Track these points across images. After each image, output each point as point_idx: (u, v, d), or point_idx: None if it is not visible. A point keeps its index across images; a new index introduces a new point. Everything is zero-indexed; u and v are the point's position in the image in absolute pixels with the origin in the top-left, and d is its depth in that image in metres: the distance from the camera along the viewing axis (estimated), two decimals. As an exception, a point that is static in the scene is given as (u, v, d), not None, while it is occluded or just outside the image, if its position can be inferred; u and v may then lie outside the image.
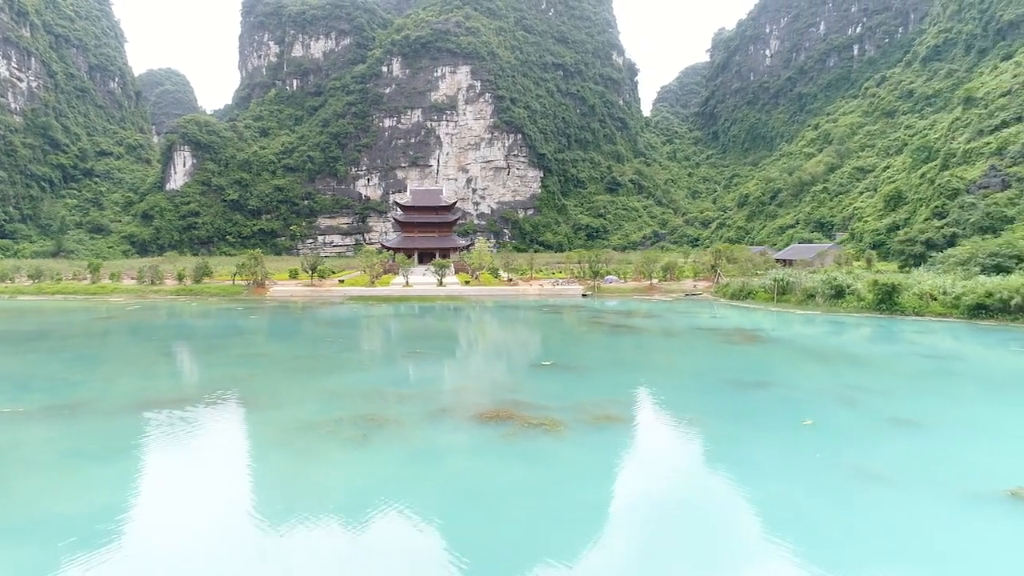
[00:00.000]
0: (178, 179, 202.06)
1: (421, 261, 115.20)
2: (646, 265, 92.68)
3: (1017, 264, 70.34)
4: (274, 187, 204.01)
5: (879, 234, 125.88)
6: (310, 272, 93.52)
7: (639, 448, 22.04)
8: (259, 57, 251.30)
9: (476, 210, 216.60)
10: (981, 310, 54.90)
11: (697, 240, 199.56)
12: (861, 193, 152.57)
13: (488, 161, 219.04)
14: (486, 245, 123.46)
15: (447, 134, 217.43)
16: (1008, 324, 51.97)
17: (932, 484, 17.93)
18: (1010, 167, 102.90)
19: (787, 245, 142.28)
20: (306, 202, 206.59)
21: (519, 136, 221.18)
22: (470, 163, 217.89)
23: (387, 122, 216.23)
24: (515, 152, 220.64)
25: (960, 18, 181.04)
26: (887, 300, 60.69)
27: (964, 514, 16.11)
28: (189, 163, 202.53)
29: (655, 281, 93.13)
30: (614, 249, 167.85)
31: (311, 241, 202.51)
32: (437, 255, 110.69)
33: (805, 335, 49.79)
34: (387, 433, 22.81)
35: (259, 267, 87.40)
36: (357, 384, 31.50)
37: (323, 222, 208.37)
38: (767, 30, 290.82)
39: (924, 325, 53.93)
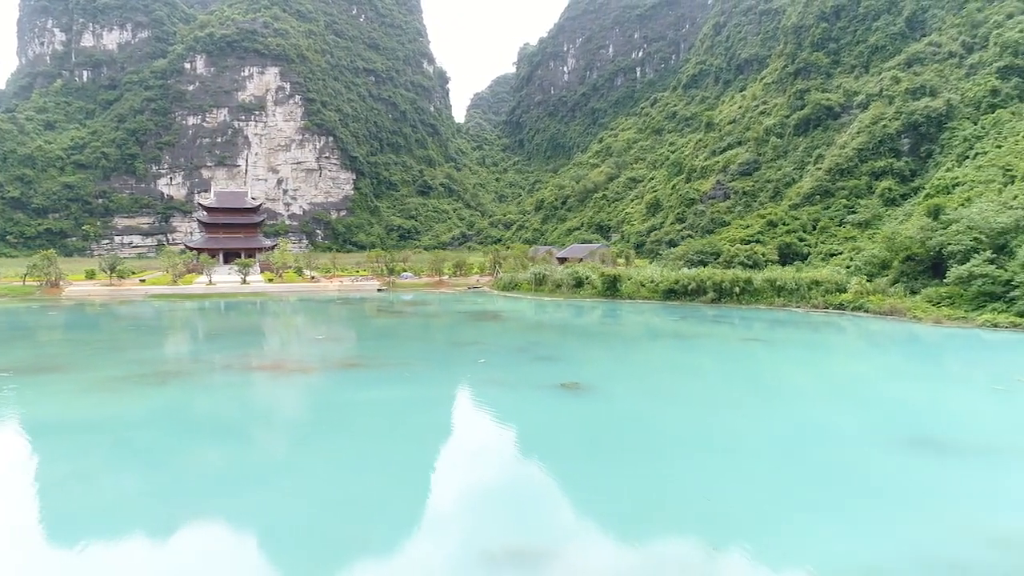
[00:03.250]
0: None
1: (226, 261, 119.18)
2: (437, 263, 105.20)
3: (715, 259, 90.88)
4: (63, 185, 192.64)
5: (642, 235, 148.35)
6: (109, 272, 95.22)
7: (365, 378, 33.51)
8: (42, 44, 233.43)
9: (288, 211, 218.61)
10: (671, 293, 72.89)
11: (500, 240, 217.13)
12: (632, 200, 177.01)
13: (299, 163, 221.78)
14: (288, 245, 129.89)
15: (256, 134, 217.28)
16: (686, 303, 70.07)
17: (537, 385, 31.17)
18: (731, 182, 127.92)
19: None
20: (100, 201, 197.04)
21: (331, 139, 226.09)
22: (281, 164, 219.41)
23: (191, 120, 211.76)
24: (327, 154, 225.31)
25: (712, 53, 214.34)
26: (612, 288, 77.60)
27: (542, 396, 29.30)
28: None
29: (446, 277, 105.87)
30: (425, 249, 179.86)
31: (107, 242, 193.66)
32: (243, 255, 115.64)
33: (533, 313, 64.39)
34: (181, 379, 32.36)
35: (53, 267, 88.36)
36: (159, 356, 40.13)
37: (121, 222, 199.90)
38: (565, 48, 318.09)
39: (632, 306, 70.82)
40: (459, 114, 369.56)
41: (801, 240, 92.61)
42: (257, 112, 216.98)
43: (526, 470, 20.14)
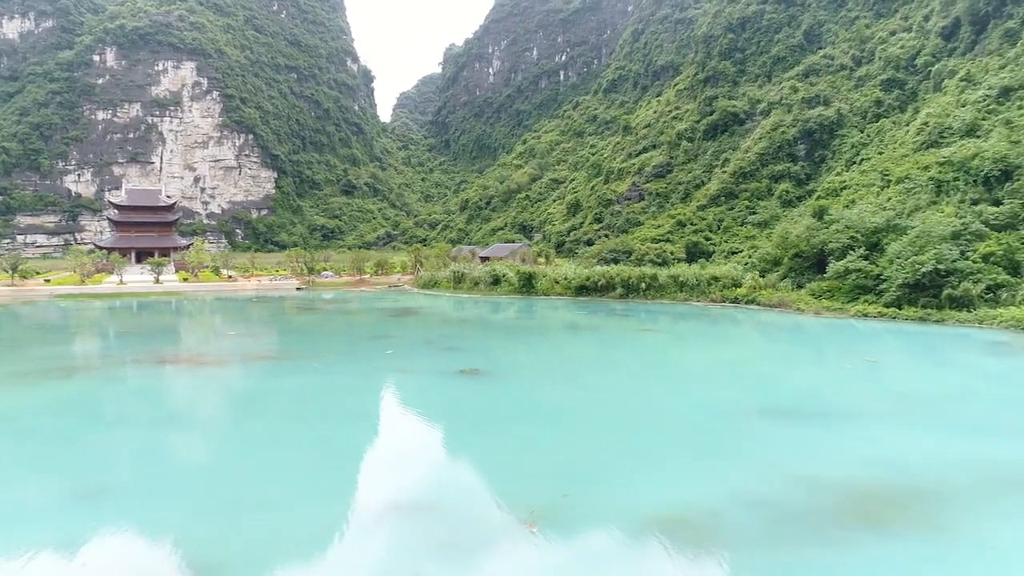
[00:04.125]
0: None
1: (139, 260, 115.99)
2: (358, 262, 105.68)
3: (627, 257, 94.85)
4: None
5: (562, 235, 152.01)
6: (10, 272, 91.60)
7: (274, 368, 34.71)
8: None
9: (206, 210, 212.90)
10: (583, 290, 76.10)
11: (425, 240, 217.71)
12: (554, 201, 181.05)
13: (218, 160, 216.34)
14: (206, 244, 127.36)
15: (171, 131, 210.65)
16: (596, 299, 73.35)
17: (438, 372, 33.12)
18: (645, 183, 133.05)
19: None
20: (1, 199, 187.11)
21: (251, 136, 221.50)
22: (198, 162, 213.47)
23: (101, 115, 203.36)
24: (247, 152, 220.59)
25: (631, 59, 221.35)
26: (527, 285, 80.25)
27: (441, 381, 31.28)
28: None
29: (367, 276, 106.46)
30: (349, 249, 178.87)
31: (8, 241, 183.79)
32: (156, 254, 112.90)
33: (449, 310, 66.34)
34: (87, 373, 32.80)
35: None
36: (65, 352, 40.05)
37: (23, 220, 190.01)
38: (490, 50, 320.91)
39: (546, 302, 73.59)
40: (385, 113, 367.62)
41: (707, 239, 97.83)
42: (172, 108, 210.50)
43: (416, 439, 22.14)
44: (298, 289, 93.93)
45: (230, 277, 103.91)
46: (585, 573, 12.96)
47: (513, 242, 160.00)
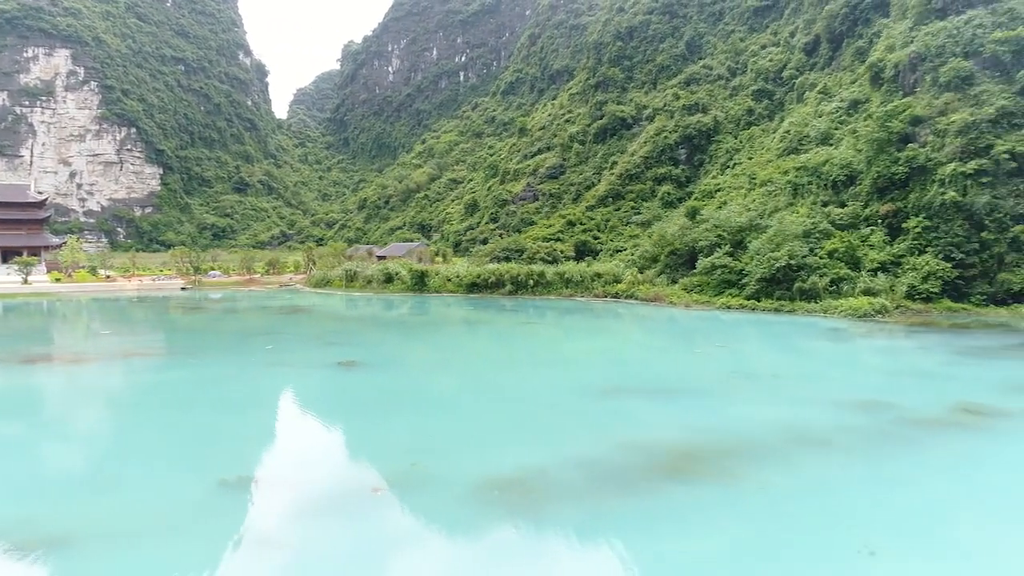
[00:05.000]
0: None
1: (5, 260, 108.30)
2: (248, 261, 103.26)
3: (519, 256, 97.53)
4: None
5: (460, 235, 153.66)
6: None
7: (145, 364, 34.39)
8: None
9: (83, 207, 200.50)
10: (474, 287, 77.99)
11: (322, 240, 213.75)
12: (452, 201, 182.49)
13: (96, 155, 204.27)
14: (82, 243, 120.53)
15: (43, 123, 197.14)
16: (487, 296, 75.37)
17: (317, 364, 33.82)
18: (539, 184, 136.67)
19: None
20: None
21: (133, 130, 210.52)
22: (74, 156, 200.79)
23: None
24: (129, 147, 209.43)
25: (528, 62, 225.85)
26: (420, 282, 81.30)
27: (317, 372, 32.02)
28: None
29: (257, 275, 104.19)
30: (242, 248, 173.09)
31: None
32: (25, 253, 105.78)
33: (339, 307, 66.61)
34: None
35: None
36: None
37: None
38: (390, 48, 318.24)
39: (438, 299, 74.98)
40: (281, 109, 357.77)
41: (595, 238, 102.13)
42: (44, 98, 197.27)
43: (280, 424, 23.08)
44: (183, 289, 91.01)
45: (108, 277, 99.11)
46: (417, 525, 14.55)
47: (411, 241, 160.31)
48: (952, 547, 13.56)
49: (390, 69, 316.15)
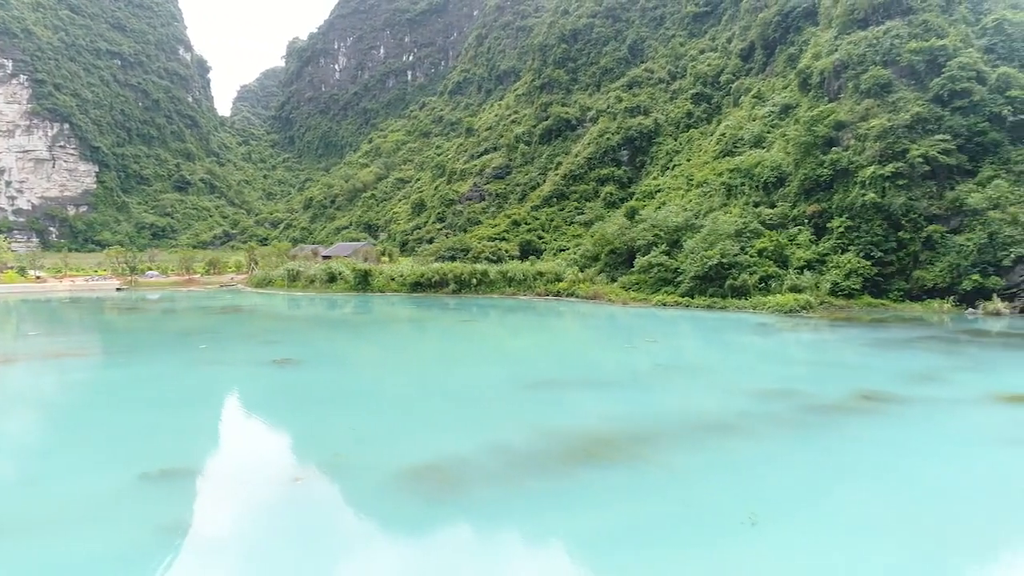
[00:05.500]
0: None
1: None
2: (187, 261, 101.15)
3: (465, 255, 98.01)
4: None
5: (407, 234, 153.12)
6: None
7: (74, 364, 33.87)
8: None
9: (12, 206, 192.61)
10: (418, 286, 78.23)
11: (266, 240, 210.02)
12: (400, 200, 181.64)
13: (26, 151, 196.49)
14: (10, 243, 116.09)
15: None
16: (431, 295, 75.70)
17: (251, 362, 33.77)
18: (486, 184, 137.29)
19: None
20: None
21: (66, 126, 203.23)
22: (2, 152, 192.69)
23: None
24: (62, 143, 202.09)
25: (476, 62, 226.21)
26: (363, 282, 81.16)
27: (250, 370, 32.02)
28: None
29: (197, 276, 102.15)
30: (183, 248, 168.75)
31: None
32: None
33: (280, 307, 66.12)
34: None
35: None
36: None
37: None
38: (336, 46, 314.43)
39: (382, 298, 74.97)
40: (224, 107, 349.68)
41: (540, 238, 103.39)
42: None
43: (207, 419, 23.27)
44: (118, 290, 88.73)
45: (38, 278, 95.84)
46: (332, 510, 15.14)
47: (358, 241, 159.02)
48: (827, 517, 14.84)
49: (337, 67, 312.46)
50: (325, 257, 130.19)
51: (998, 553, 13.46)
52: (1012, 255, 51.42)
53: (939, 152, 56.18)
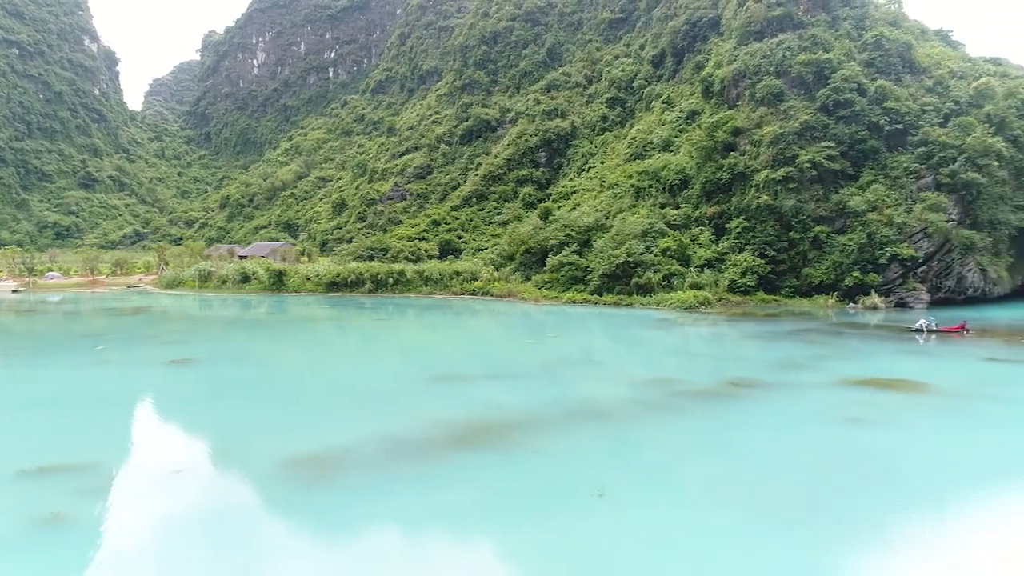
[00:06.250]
0: None
1: None
2: (91, 262, 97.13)
3: (384, 255, 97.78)
4: None
5: (327, 234, 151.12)
6: None
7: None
8: None
9: None
10: (334, 286, 77.73)
11: (180, 239, 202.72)
12: (320, 200, 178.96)
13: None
14: None
15: None
16: (347, 294, 75.39)
17: (149, 363, 33.40)
18: (407, 184, 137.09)
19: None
20: None
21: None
22: None
23: None
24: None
25: (398, 61, 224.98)
26: (278, 282, 80.00)
27: (147, 370, 31.72)
28: None
29: (102, 277, 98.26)
30: (89, 248, 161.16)
31: None
32: None
33: (188, 308, 64.79)
34: None
35: None
36: None
37: None
38: (254, 41, 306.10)
39: (296, 298, 74.16)
40: (135, 100, 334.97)
41: (459, 237, 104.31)
42: None
43: (92, 418, 23.26)
44: (14, 292, 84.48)
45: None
46: (211, 499, 15.77)
47: (277, 241, 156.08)
48: (673, 488, 16.52)
49: (255, 62, 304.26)
50: (241, 257, 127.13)
51: (818, 515, 15.32)
52: (887, 254, 55.79)
53: (824, 158, 60.28)
